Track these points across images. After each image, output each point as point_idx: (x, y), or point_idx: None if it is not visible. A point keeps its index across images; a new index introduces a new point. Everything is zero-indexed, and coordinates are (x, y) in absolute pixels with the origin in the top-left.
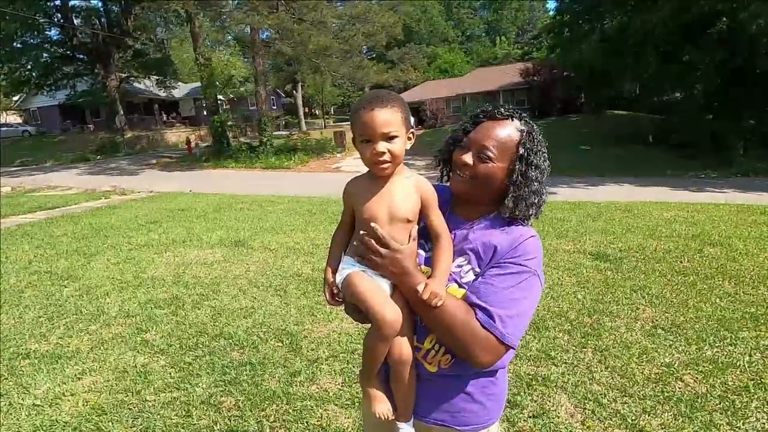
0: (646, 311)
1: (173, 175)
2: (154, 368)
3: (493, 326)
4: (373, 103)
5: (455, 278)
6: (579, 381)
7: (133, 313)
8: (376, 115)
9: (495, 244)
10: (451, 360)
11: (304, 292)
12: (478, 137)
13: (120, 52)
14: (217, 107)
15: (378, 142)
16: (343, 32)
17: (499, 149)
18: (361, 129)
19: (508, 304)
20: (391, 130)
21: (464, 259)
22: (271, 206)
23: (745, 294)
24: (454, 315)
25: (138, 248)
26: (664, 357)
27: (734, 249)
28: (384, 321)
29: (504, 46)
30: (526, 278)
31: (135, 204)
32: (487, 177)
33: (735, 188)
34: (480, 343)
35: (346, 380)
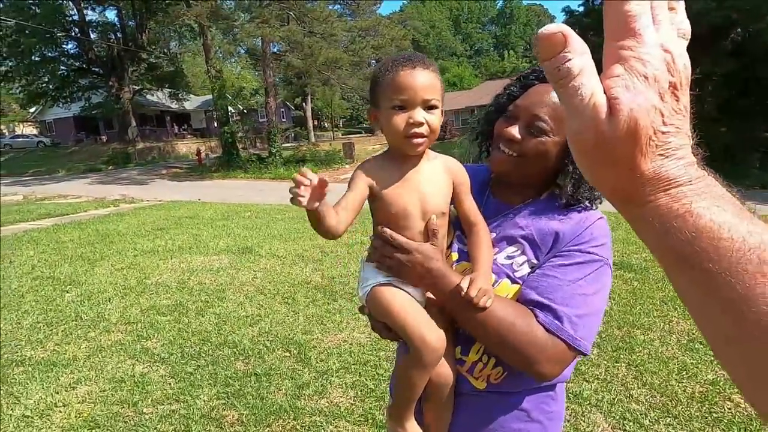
0: (680, 323)
1: (183, 185)
2: (153, 378)
3: (561, 329)
4: (414, 62)
5: (507, 272)
6: (615, 399)
7: (134, 320)
8: (419, 76)
9: (556, 230)
10: (502, 373)
11: (312, 300)
12: (529, 105)
13: (134, 65)
14: (227, 119)
15: (416, 108)
16: (352, 45)
17: (555, 119)
18: (395, 91)
19: (577, 301)
20: (433, 97)
21: (516, 248)
22: (279, 214)
23: None
24: (507, 318)
25: (143, 254)
26: (706, 373)
27: None
28: (426, 345)
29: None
30: (597, 268)
31: (143, 211)
32: (539, 154)
33: (754, 200)
34: (544, 350)
35: (359, 394)
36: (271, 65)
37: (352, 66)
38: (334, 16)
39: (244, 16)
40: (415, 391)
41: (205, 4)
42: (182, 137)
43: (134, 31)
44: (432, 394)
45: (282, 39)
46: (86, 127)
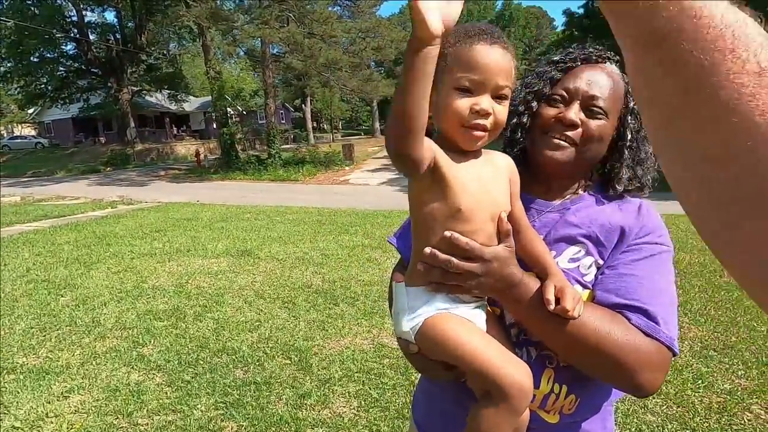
0: (692, 330)
1: (181, 186)
2: (149, 387)
3: (658, 331)
4: (494, 38)
5: (576, 277)
6: (629, 410)
7: (130, 325)
8: (496, 55)
9: (621, 224)
10: (576, 402)
11: (313, 304)
12: (579, 86)
13: (133, 66)
14: (226, 120)
15: (485, 95)
16: (352, 46)
17: (609, 100)
18: (465, 68)
19: (662, 299)
20: (507, 84)
21: (579, 248)
22: (279, 216)
23: None
24: (601, 326)
25: (140, 257)
26: (723, 383)
27: None
28: (517, 386)
29: None
30: (667, 259)
31: (141, 213)
32: (600, 139)
33: None
34: (648, 358)
35: (362, 404)
36: (270, 66)
37: (351, 68)
38: (334, 18)
39: (244, 17)
40: None
41: (205, 6)
42: (181, 138)
43: (133, 32)
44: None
45: (282, 40)
46: (85, 128)
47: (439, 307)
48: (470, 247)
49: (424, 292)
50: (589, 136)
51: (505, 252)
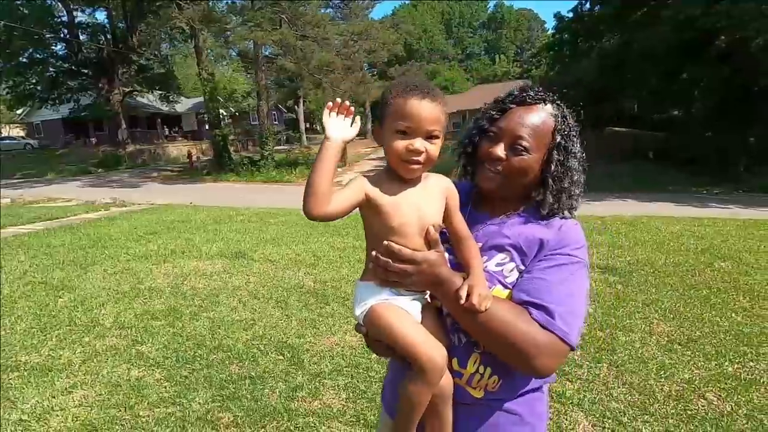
0: (660, 325)
1: (174, 188)
2: (149, 382)
3: (553, 324)
4: (425, 93)
5: (498, 278)
6: (596, 398)
7: (128, 325)
8: (424, 107)
9: (540, 237)
10: (498, 382)
11: (305, 304)
12: (510, 126)
13: (124, 67)
14: (219, 121)
15: (418, 138)
16: (345, 49)
17: (534, 138)
18: (402, 117)
19: (565, 300)
20: (436, 128)
21: (505, 255)
22: (272, 218)
23: (761, 308)
24: (507, 318)
25: (136, 259)
26: (683, 373)
27: (745, 263)
28: (431, 362)
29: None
30: (577, 270)
31: (134, 215)
32: (523, 171)
33: (738, 204)
34: (542, 346)
35: (351, 396)
36: (263, 68)
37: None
38: (326, 20)
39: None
40: (419, 409)
41: (197, 8)
42: (173, 140)
43: (124, 32)
44: (433, 406)
45: (274, 43)
46: (75, 129)
47: (382, 298)
48: (402, 252)
49: (373, 287)
50: (511, 169)
51: (435, 256)
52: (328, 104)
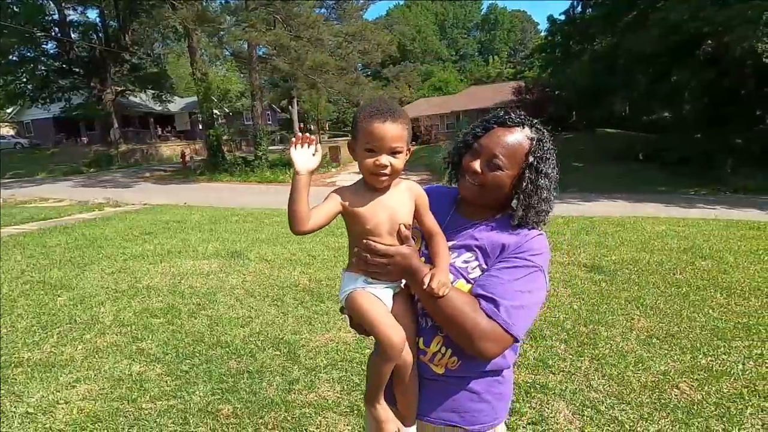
0: (641, 321)
1: (168, 188)
2: (150, 376)
3: (497, 315)
4: (386, 116)
5: (463, 274)
6: (577, 389)
7: (128, 322)
8: (387, 129)
9: (503, 242)
10: (458, 362)
11: (301, 302)
12: (489, 144)
13: (116, 66)
14: (212, 121)
15: (383, 154)
16: (339, 49)
17: (508, 157)
18: (368, 138)
19: (513, 296)
20: (398, 145)
21: (471, 255)
22: (267, 218)
23: (736, 305)
24: (459, 305)
25: (133, 258)
26: (659, 365)
27: (725, 262)
28: (391, 343)
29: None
30: (531, 272)
31: (129, 216)
32: (496, 185)
33: (724, 205)
34: (485, 332)
35: (345, 388)
36: (257, 68)
37: (338, 70)
38: (320, 21)
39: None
40: (382, 378)
41: (191, 7)
42: (166, 139)
43: (117, 31)
44: (397, 377)
45: (268, 43)
46: (66, 128)
47: (360, 285)
48: (377, 248)
49: (354, 276)
50: (486, 182)
51: (407, 250)
52: (291, 140)
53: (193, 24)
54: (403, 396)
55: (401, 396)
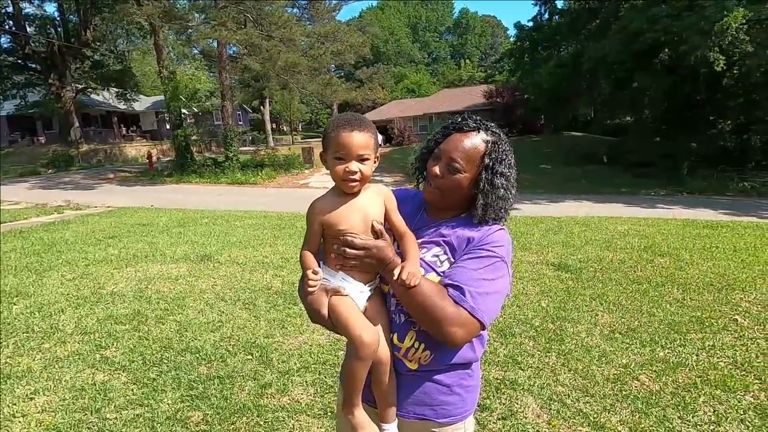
0: (604, 317)
1: (133, 189)
2: (115, 385)
3: (464, 301)
4: (352, 125)
5: (433, 267)
6: (544, 383)
7: (90, 330)
8: (354, 137)
9: (468, 236)
10: (430, 356)
11: (273, 305)
12: (448, 149)
13: (77, 62)
14: (180, 121)
15: (352, 161)
16: (311, 50)
17: (465, 160)
18: (337, 147)
19: (478, 283)
20: (365, 152)
21: (440, 249)
22: (238, 221)
23: (691, 300)
24: (429, 294)
25: (95, 263)
26: (621, 359)
27: (681, 259)
28: (362, 342)
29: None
30: (494, 262)
31: (91, 219)
32: (455, 187)
33: (682, 205)
34: (453, 318)
35: (318, 390)
36: (227, 67)
37: (311, 71)
38: (292, 21)
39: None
40: (357, 382)
41: (158, 4)
42: (131, 139)
43: (77, 26)
44: (375, 374)
45: (239, 42)
46: (21, 127)
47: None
48: (355, 241)
49: (333, 270)
50: (446, 185)
51: (381, 243)
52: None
53: (160, 21)
54: (382, 393)
55: (380, 393)
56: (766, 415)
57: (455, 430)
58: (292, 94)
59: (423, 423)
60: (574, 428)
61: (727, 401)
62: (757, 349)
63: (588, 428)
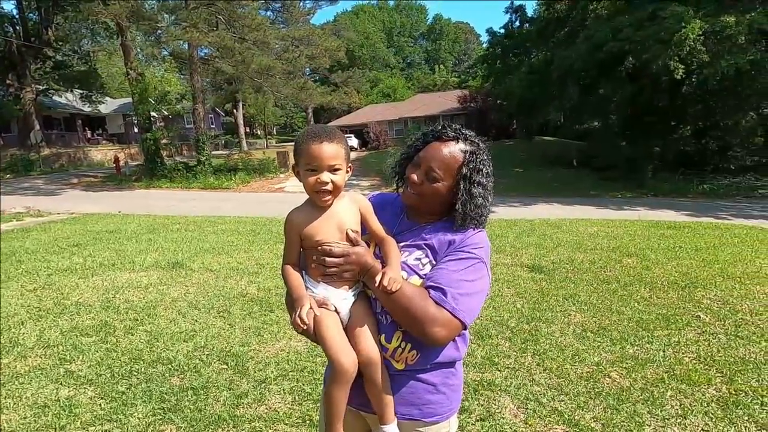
0: (577, 316)
1: (99, 195)
2: (81, 401)
3: (445, 302)
4: (322, 137)
5: (415, 270)
6: (521, 383)
7: (54, 343)
8: (324, 148)
9: (449, 239)
10: (417, 355)
11: (249, 312)
12: (426, 157)
13: (37, 62)
14: (150, 124)
15: (323, 172)
16: (286, 53)
17: (443, 170)
18: (308, 159)
19: (459, 284)
20: (336, 162)
21: (422, 252)
22: (210, 227)
23: (657, 298)
24: (410, 297)
25: (59, 273)
26: (593, 357)
27: (648, 259)
28: (339, 363)
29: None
30: (474, 264)
31: (54, 226)
32: (434, 195)
33: (646, 206)
34: (435, 319)
35: (297, 398)
36: (199, 70)
37: (285, 74)
38: (266, 24)
39: (169, 18)
40: (337, 406)
41: (125, 4)
42: (97, 143)
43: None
44: (366, 375)
45: (211, 44)
46: None
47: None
48: (333, 250)
49: (314, 281)
50: (424, 192)
51: (360, 250)
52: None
53: (127, 21)
54: (377, 393)
55: (376, 393)
56: (727, 406)
57: (440, 429)
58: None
59: (409, 423)
60: (550, 427)
61: (692, 395)
62: (718, 343)
63: (563, 426)
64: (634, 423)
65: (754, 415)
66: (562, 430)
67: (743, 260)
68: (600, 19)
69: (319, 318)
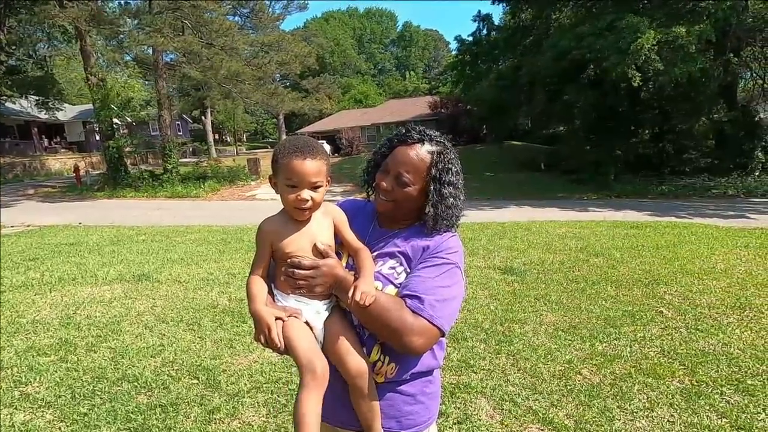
0: (548, 316)
1: (58, 206)
2: (39, 424)
3: (422, 310)
4: (305, 153)
5: (390, 280)
6: (496, 385)
7: (8, 365)
8: (307, 165)
9: (422, 246)
10: (395, 368)
11: (220, 324)
12: (394, 162)
13: None
14: (112, 132)
15: (304, 189)
16: (255, 59)
17: (412, 174)
18: (288, 174)
19: (435, 291)
20: (318, 180)
21: (396, 261)
22: (179, 237)
23: (623, 295)
24: (387, 308)
25: (13, 290)
26: (565, 355)
27: (613, 258)
28: (307, 371)
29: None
30: (449, 269)
31: (8, 240)
32: (405, 199)
33: (610, 208)
34: (413, 328)
35: (271, 411)
36: (164, 75)
37: (255, 80)
38: (234, 29)
39: (131, 22)
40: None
41: (84, 7)
42: (55, 152)
43: None
44: (356, 387)
45: (177, 49)
46: None
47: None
48: (303, 262)
49: (284, 294)
50: (396, 198)
51: (331, 262)
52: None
53: (86, 25)
54: (365, 406)
55: (364, 406)
56: (690, 397)
57: None
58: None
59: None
60: (525, 426)
61: (658, 387)
62: (680, 337)
63: (537, 424)
64: (605, 418)
65: (715, 404)
66: (537, 428)
67: (700, 257)
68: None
69: (287, 323)
